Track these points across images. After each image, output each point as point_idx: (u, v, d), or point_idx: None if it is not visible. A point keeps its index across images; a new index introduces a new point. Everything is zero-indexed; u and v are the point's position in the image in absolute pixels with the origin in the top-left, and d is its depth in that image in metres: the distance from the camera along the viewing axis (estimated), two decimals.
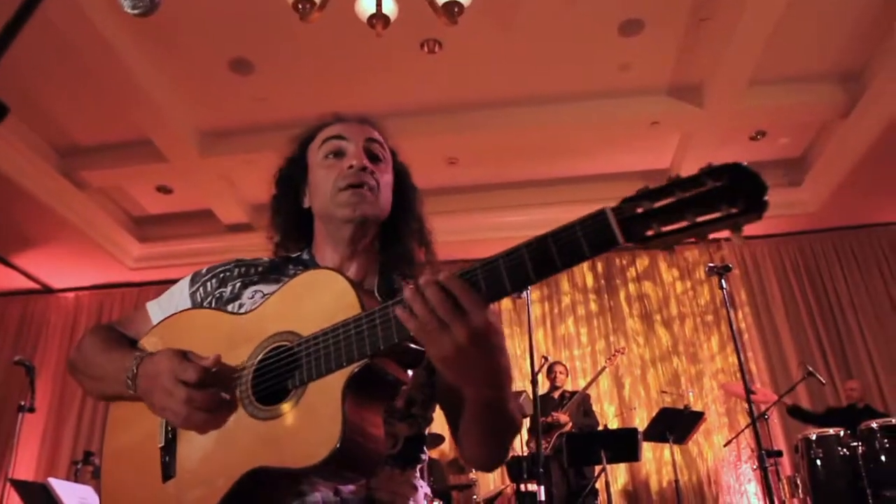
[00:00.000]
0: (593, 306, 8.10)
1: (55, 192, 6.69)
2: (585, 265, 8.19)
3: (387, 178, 1.42)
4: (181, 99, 6.09)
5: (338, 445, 0.98)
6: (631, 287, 8.16)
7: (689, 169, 0.89)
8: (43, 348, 8.25)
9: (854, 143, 6.48)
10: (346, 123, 1.46)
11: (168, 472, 1.17)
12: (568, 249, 0.89)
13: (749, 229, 0.81)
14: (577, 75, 6.09)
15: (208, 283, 1.43)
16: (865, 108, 6.18)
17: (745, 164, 0.81)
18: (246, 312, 1.24)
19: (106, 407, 1.35)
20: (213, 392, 1.11)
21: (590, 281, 8.22)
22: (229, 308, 1.35)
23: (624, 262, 8.24)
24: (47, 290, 8.59)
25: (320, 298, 1.12)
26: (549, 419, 6.01)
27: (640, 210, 0.85)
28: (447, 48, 5.56)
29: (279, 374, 1.10)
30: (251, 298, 1.35)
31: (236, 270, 1.44)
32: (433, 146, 6.67)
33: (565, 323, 8.02)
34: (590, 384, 6.56)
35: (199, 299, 1.41)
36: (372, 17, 4.34)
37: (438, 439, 6.22)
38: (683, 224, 0.82)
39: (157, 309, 1.43)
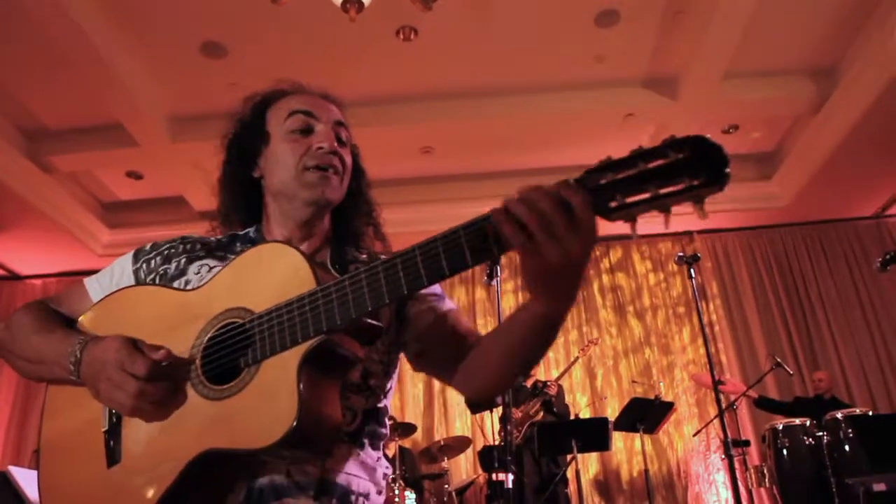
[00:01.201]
0: None
1: (22, 176, 6.52)
2: None
3: (348, 161, 1.40)
4: (152, 82, 5.96)
5: (294, 424, 0.94)
6: (604, 278, 8.20)
7: None
8: None
9: (825, 138, 6.56)
10: (311, 97, 1.42)
11: (113, 456, 1.12)
12: None
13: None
14: (553, 65, 6.07)
15: (152, 260, 1.38)
16: (836, 103, 6.24)
17: (708, 136, 0.79)
18: (193, 289, 1.19)
19: None
20: (164, 386, 1.07)
21: None
22: (175, 285, 1.30)
23: (597, 253, 8.26)
24: (14, 277, 8.42)
25: (273, 273, 1.07)
26: (521, 409, 6.01)
27: (603, 181, 0.83)
28: (423, 36, 5.52)
29: (231, 352, 1.06)
30: (197, 273, 1.31)
31: (181, 247, 1.39)
32: (408, 134, 6.61)
33: None
34: (562, 374, 6.58)
35: (142, 276, 1.36)
36: (346, 1, 4.28)
37: (410, 429, 6.21)
38: (646, 195, 0.81)
39: (96, 286, 1.37)
